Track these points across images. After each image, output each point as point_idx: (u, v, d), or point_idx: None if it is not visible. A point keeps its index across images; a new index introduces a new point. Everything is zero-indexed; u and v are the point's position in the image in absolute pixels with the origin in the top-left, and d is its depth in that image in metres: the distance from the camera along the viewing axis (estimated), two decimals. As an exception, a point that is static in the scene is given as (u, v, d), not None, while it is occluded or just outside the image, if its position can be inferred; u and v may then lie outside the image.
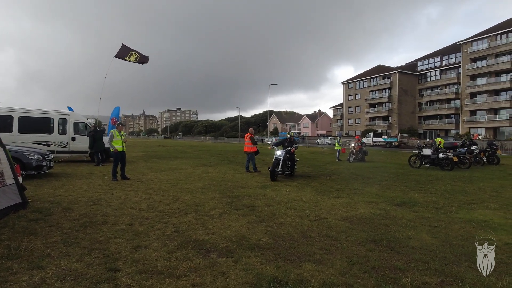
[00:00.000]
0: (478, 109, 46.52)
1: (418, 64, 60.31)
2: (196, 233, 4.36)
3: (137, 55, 10.80)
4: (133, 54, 10.84)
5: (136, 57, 10.83)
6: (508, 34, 43.21)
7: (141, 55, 10.99)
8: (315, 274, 3.12)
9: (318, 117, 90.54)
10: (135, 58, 10.97)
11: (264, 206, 6.00)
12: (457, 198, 7.08)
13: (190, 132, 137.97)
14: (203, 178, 9.63)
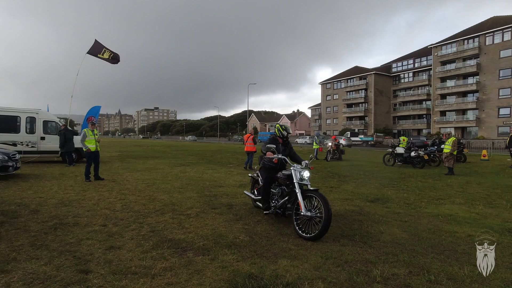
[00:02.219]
0: (447, 110, 48.78)
1: (392, 66, 62.39)
2: (172, 232, 4.31)
3: (110, 52, 10.34)
4: (106, 51, 10.42)
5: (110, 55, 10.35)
6: (474, 39, 45.60)
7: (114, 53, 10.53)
8: (290, 269, 3.18)
9: (297, 116, 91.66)
10: (109, 55, 10.49)
11: (241, 205, 6.02)
12: (427, 194, 7.41)
13: (168, 131, 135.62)
14: (180, 178, 9.51)
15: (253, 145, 12.48)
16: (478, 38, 45.02)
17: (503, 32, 42.44)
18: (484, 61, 44.24)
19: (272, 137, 5.32)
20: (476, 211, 5.74)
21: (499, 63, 42.70)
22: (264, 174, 5.14)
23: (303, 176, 4.45)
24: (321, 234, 3.93)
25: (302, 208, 4.16)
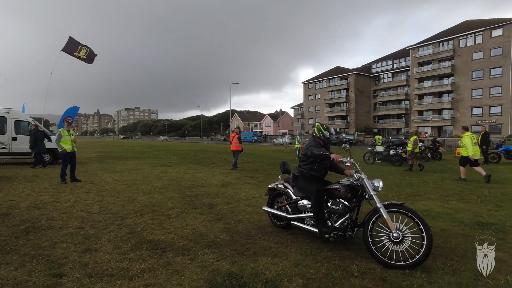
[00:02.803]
0: (425, 110, 50.43)
1: (372, 67, 63.87)
2: (152, 233, 4.24)
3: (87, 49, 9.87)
4: (82, 49, 9.95)
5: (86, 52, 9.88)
6: (448, 42, 47.39)
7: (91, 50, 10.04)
8: (270, 266, 3.20)
9: (279, 116, 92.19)
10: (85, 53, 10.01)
11: (223, 204, 5.99)
12: (404, 191, 7.63)
13: (150, 131, 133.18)
14: (161, 178, 9.36)
15: (238, 144, 12.60)
16: (452, 40, 46.80)
17: (475, 35, 44.33)
18: (458, 63, 46.04)
19: (313, 138, 4.28)
20: (450, 206, 5.96)
21: (471, 65, 44.56)
22: (307, 185, 4.02)
23: (376, 187, 3.61)
24: (424, 259, 3.10)
25: (392, 227, 3.30)
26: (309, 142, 4.24)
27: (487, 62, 43.02)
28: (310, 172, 4.12)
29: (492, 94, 42.74)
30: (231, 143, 12.95)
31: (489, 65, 42.86)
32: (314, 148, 4.03)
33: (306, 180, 4.12)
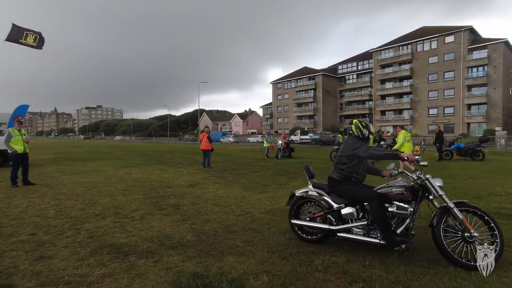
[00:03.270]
0: (387, 110, 53.10)
1: (338, 68, 66.05)
2: (114, 237, 4.07)
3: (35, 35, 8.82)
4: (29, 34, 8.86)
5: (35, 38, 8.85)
6: (407, 46, 50.28)
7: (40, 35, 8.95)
8: (236, 265, 3.19)
9: (248, 116, 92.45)
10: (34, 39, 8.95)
11: (190, 205, 5.89)
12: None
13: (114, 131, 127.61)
14: (125, 180, 9.00)
15: (208, 143, 12.54)
16: (411, 45, 49.71)
17: (430, 41, 47.44)
18: (416, 66, 49.01)
19: (352, 137, 3.83)
20: (408, 201, 6.32)
21: (428, 68, 47.64)
22: (357, 190, 3.57)
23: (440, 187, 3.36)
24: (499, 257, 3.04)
25: (470, 227, 3.15)
26: (351, 142, 3.71)
27: (441, 66, 46.23)
28: (356, 175, 3.69)
29: (446, 96, 46.00)
30: (201, 142, 12.88)
31: (443, 69, 46.09)
32: (367, 148, 3.55)
33: (353, 184, 3.65)
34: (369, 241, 3.38)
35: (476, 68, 43.63)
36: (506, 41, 42.11)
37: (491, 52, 42.02)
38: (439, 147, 16.03)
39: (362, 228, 3.49)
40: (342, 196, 3.68)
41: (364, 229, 3.48)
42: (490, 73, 42.04)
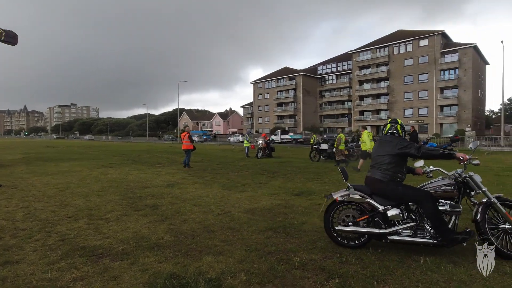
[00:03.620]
0: (365, 110, 54.50)
1: (318, 68, 67.09)
2: (87, 239, 3.93)
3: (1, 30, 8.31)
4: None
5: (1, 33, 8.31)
6: (384, 48, 51.83)
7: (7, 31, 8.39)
8: (214, 265, 3.16)
9: (229, 115, 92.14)
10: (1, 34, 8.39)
11: (168, 205, 5.78)
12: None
13: (89, 131, 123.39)
14: (100, 180, 8.72)
15: (189, 143, 12.43)
16: (387, 47, 51.26)
17: (406, 44, 49.13)
18: (393, 68, 50.59)
19: (398, 137, 3.71)
20: (383, 198, 6.50)
21: (404, 70, 49.31)
22: (407, 191, 3.49)
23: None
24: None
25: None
26: (397, 141, 3.60)
27: (416, 69, 47.97)
28: (400, 175, 3.60)
29: (420, 97, 47.79)
30: (183, 142, 12.78)
31: (417, 71, 47.85)
32: (418, 147, 3.48)
33: (400, 185, 3.56)
34: (422, 242, 3.35)
35: (448, 71, 45.62)
36: (475, 46, 44.27)
37: (462, 56, 44.05)
38: None
39: (409, 229, 3.44)
40: (387, 197, 3.55)
41: (412, 230, 3.44)
42: (461, 76, 44.05)
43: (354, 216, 3.68)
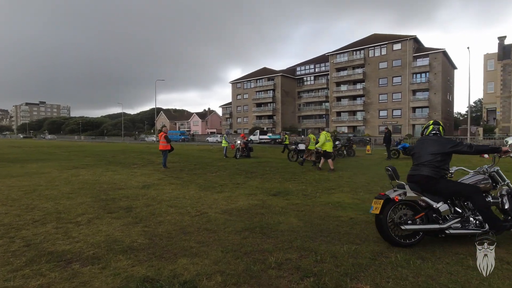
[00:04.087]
0: (342, 111, 55.75)
1: (297, 69, 67.90)
2: (55, 244, 3.75)
3: None
4: None
5: None
6: (360, 51, 53.28)
7: None
8: (189, 267, 3.12)
9: (208, 115, 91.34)
10: None
11: (143, 207, 5.64)
12: (322, 185, 8.25)
13: (60, 130, 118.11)
14: (71, 182, 8.36)
15: (166, 143, 12.23)
16: (363, 50, 52.73)
17: (381, 47, 50.77)
18: (368, 70, 52.11)
19: (442, 137, 4.03)
20: (358, 197, 6.66)
21: (378, 73, 50.92)
22: (459, 186, 3.76)
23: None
24: None
25: None
26: (444, 141, 3.86)
27: (390, 71, 49.67)
28: (448, 172, 3.90)
29: (394, 99, 49.52)
30: (160, 142, 12.56)
31: (391, 74, 49.56)
32: (469, 144, 3.81)
33: (450, 181, 3.86)
34: (472, 233, 3.62)
35: (420, 74, 47.58)
36: (444, 51, 46.48)
37: (432, 61, 46.09)
38: (387, 147, 17.20)
39: (458, 222, 3.67)
40: (438, 194, 3.74)
41: (460, 223, 3.69)
42: (431, 79, 46.09)
43: (411, 214, 3.73)
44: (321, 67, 63.32)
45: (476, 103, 70.36)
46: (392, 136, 18.96)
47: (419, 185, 3.78)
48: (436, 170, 3.75)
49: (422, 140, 4.08)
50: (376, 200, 3.74)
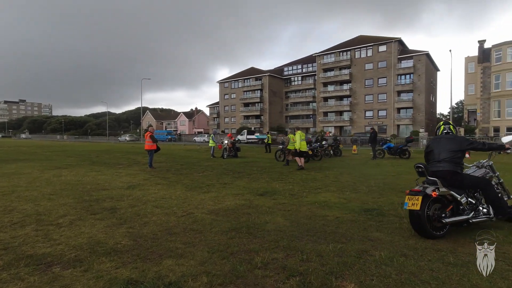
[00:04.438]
0: (329, 111, 56.35)
1: (284, 70, 68.20)
2: (35, 247, 3.63)
3: None
4: None
5: None
6: (347, 52, 54.00)
7: None
8: (174, 268, 3.08)
9: (195, 115, 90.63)
10: None
11: (127, 207, 5.53)
12: (308, 185, 8.31)
13: (41, 129, 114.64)
14: (53, 183, 8.13)
15: (151, 143, 12.09)
16: (350, 51, 53.46)
17: (367, 49, 51.59)
18: (355, 71, 52.86)
19: (456, 135, 4.53)
20: (344, 197, 6.74)
21: (364, 74, 51.73)
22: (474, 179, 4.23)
23: None
24: None
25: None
26: (460, 139, 4.34)
27: (376, 73, 50.55)
28: (463, 166, 4.32)
29: (379, 100, 50.42)
30: (145, 142, 12.47)
31: (377, 75, 50.44)
32: (482, 141, 4.42)
33: (468, 175, 4.30)
34: (484, 219, 4.12)
35: (404, 76, 48.61)
36: (428, 53, 47.63)
37: (416, 62, 47.17)
38: (373, 147, 17.50)
39: (473, 211, 4.11)
40: (458, 187, 4.09)
41: (474, 212, 4.11)
42: (415, 80, 47.16)
43: (442, 208, 4.00)
44: (308, 68, 63.81)
45: (458, 104, 72.46)
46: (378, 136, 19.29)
47: (445, 180, 4.05)
48: (459, 166, 4.15)
49: (438, 139, 4.48)
50: (411, 197, 3.87)
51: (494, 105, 36.13)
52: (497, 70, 35.59)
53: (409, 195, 3.91)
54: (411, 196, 3.89)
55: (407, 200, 3.88)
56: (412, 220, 3.91)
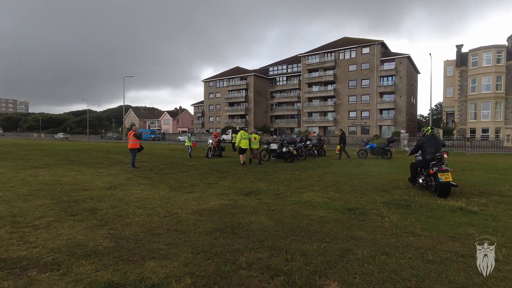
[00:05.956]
0: (313, 111, 56.93)
1: (269, 70, 68.39)
2: (9, 250, 3.49)
3: None
4: None
5: None
6: (331, 53, 54.73)
7: None
8: (157, 270, 3.02)
9: (179, 114, 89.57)
10: None
11: (109, 208, 5.40)
12: (293, 185, 8.36)
13: (17, 127, 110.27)
14: (28, 183, 7.83)
15: (135, 142, 12.02)
16: (334, 53, 54.19)
17: (350, 50, 52.45)
18: (339, 72, 53.64)
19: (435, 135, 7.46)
20: (328, 196, 6.81)
21: (348, 75, 52.57)
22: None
23: None
24: None
25: None
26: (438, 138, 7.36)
27: (359, 74, 51.47)
28: None
29: (363, 101, 51.37)
30: (129, 141, 12.34)
31: (360, 77, 51.37)
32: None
33: None
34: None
35: (386, 77, 49.73)
36: (409, 56, 48.94)
37: (398, 65, 48.37)
38: (343, 147, 17.96)
39: None
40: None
41: None
42: (397, 82, 48.35)
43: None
44: (293, 68, 64.26)
45: (437, 106, 74.84)
46: (360, 136, 19.59)
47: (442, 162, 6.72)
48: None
49: (430, 137, 7.26)
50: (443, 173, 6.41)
51: (471, 108, 37.54)
52: (473, 74, 37.00)
53: (440, 172, 6.37)
54: (442, 173, 6.35)
55: (440, 175, 6.34)
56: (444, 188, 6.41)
